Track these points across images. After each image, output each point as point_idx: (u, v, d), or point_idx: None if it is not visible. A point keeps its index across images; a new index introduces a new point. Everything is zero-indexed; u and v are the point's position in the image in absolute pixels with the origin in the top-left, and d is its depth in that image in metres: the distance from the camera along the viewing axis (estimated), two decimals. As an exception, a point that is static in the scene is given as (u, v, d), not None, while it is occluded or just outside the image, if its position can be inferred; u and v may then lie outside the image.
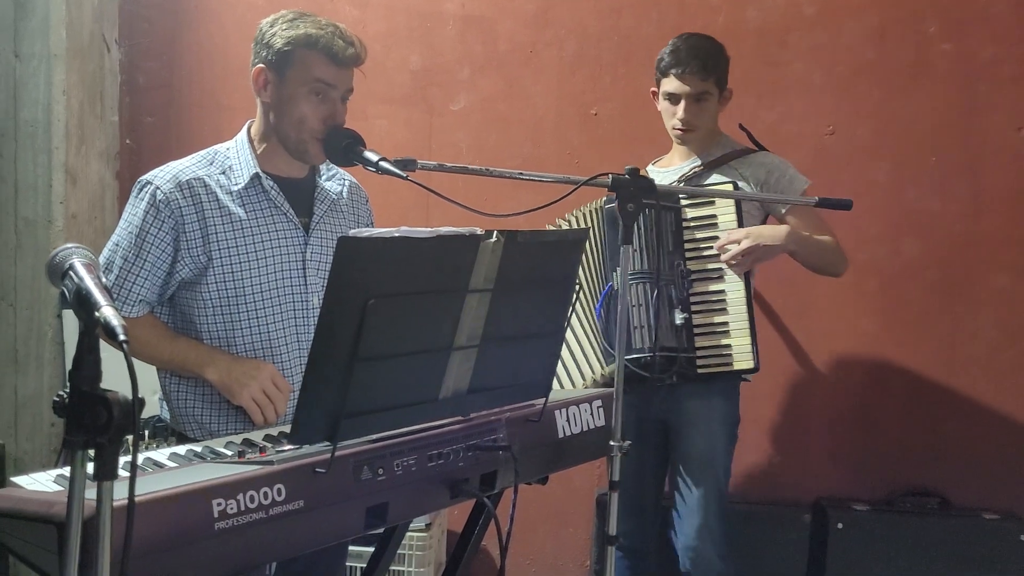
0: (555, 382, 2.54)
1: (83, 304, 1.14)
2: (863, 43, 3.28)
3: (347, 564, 2.46)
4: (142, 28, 3.62)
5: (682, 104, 2.61)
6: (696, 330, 2.54)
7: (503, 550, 1.74)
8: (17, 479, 1.46)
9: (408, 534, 2.89)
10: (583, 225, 2.62)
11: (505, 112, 3.46)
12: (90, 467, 1.14)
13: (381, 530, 1.86)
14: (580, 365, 2.63)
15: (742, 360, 2.53)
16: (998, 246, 3.24)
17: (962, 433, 3.27)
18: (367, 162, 1.95)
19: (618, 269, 2.48)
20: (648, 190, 2.04)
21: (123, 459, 1.27)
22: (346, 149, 1.99)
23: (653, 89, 2.74)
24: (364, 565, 2.30)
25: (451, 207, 1.97)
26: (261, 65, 2.02)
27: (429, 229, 1.52)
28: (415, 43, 3.50)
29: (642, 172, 2.73)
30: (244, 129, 2.10)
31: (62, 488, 1.40)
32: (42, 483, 1.45)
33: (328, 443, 1.50)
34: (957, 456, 3.27)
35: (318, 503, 1.47)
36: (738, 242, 2.51)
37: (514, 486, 1.79)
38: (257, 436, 1.76)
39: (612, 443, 1.99)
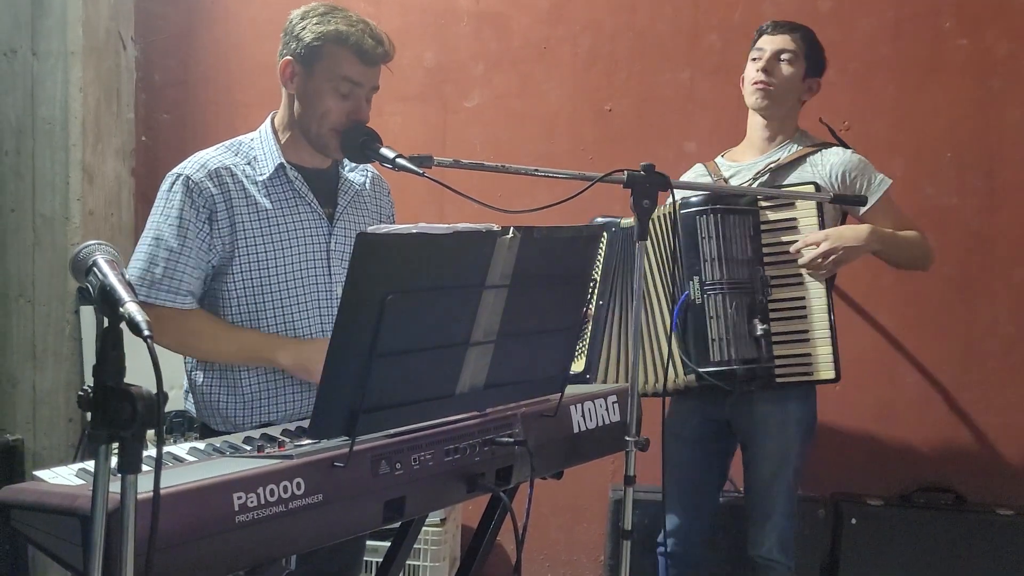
0: (641, 382, 2.51)
1: (107, 300, 1.16)
2: (878, 39, 3.27)
3: (364, 559, 2.47)
4: (158, 25, 3.64)
5: (765, 56, 2.57)
6: (775, 338, 2.45)
7: (519, 544, 1.74)
8: (39, 473, 1.48)
9: (423, 529, 2.90)
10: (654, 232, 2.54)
11: (519, 109, 3.47)
12: (112, 461, 1.16)
13: (398, 524, 1.88)
14: (658, 370, 2.56)
15: (824, 370, 2.44)
16: (1015, 241, 3.23)
17: (977, 429, 3.26)
18: (384, 159, 1.95)
19: (694, 278, 2.46)
20: (663, 186, 2.03)
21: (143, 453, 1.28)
22: (363, 146, 2.00)
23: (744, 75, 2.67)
24: (380, 560, 2.31)
25: (465, 204, 1.97)
26: (289, 57, 2.03)
27: (446, 225, 1.53)
28: (429, 40, 3.50)
29: (712, 163, 2.72)
30: (268, 119, 2.12)
31: (84, 482, 1.41)
32: (64, 477, 1.46)
33: (346, 438, 1.51)
34: (972, 452, 3.26)
35: (336, 497, 1.48)
36: (816, 244, 2.44)
37: (530, 480, 1.80)
38: (275, 431, 1.77)
39: (627, 438, 2.00)
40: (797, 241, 2.48)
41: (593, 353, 2.64)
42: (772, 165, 2.59)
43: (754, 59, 2.62)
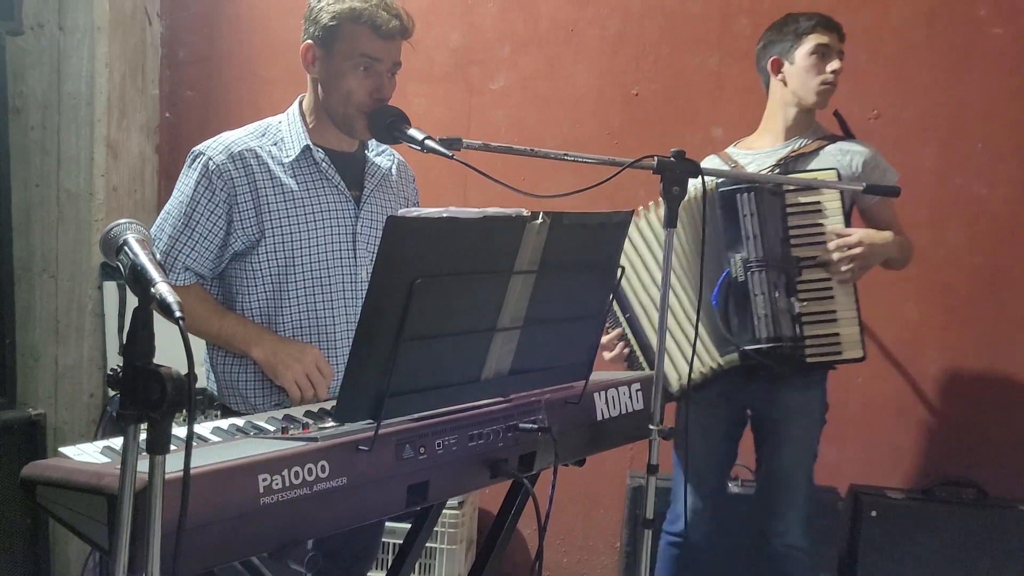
0: (671, 369, 2.52)
1: (138, 280, 1.15)
2: (912, 25, 3.22)
3: (382, 540, 2.47)
4: (183, 2, 3.63)
5: (836, 58, 2.55)
6: (805, 319, 2.48)
7: (542, 530, 1.74)
8: (64, 449, 1.48)
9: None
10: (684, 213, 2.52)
11: (545, 91, 3.44)
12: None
13: (419, 508, 1.87)
14: (685, 355, 2.54)
15: (852, 349, 2.48)
16: (1045, 234, 3.18)
17: (1002, 423, 3.23)
18: (412, 140, 1.94)
19: (735, 256, 2.47)
20: (693, 172, 2.01)
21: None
22: (390, 127, 1.99)
23: (775, 58, 2.62)
24: (398, 542, 2.31)
25: (489, 188, 1.95)
26: (309, 41, 2.03)
27: (476, 210, 1.51)
28: (456, 20, 3.47)
29: (724, 153, 2.70)
30: (296, 102, 2.11)
31: (109, 460, 1.41)
32: (89, 454, 1.46)
33: (371, 421, 1.50)
34: (996, 446, 3.24)
35: (361, 480, 1.48)
36: (849, 247, 2.45)
37: (553, 467, 1.79)
38: (298, 412, 1.77)
39: (651, 427, 1.99)
40: (823, 224, 2.49)
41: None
42: (794, 153, 2.59)
43: (820, 54, 2.56)
